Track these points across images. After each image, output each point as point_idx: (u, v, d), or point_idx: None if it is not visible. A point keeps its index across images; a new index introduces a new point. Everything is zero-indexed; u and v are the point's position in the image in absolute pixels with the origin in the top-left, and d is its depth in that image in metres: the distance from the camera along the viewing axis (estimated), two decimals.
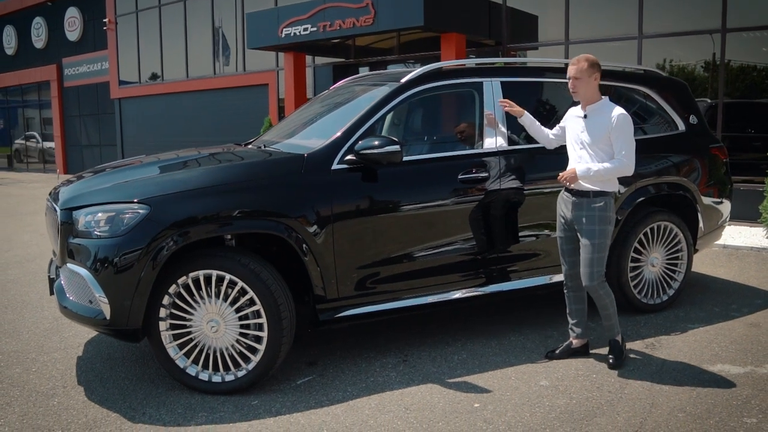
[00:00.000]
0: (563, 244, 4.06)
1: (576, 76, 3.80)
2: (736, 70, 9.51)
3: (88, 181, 4.08)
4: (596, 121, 3.81)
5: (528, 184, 4.42)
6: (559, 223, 4.06)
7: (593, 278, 3.86)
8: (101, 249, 3.51)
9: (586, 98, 3.85)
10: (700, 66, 9.79)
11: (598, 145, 3.80)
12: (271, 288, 3.57)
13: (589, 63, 3.78)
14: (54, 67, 22.18)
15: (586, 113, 3.86)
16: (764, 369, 3.94)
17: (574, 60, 3.85)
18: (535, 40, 11.43)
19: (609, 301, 3.96)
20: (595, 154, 3.81)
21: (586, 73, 3.78)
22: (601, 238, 3.84)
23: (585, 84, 3.79)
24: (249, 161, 4.01)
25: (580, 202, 3.86)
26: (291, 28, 11.43)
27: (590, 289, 3.91)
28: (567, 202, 3.95)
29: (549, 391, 3.66)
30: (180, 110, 17.62)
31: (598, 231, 3.83)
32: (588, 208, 3.83)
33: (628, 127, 3.78)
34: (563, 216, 4.00)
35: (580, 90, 3.81)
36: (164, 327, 3.61)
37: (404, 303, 4.08)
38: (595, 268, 3.85)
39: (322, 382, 3.82)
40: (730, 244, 7.54)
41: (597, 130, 3.80)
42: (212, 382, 3.67)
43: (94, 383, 3.88)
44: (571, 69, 3.81)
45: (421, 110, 4.95)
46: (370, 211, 3.94)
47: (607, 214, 3.84)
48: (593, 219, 3.82)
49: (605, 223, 3.84)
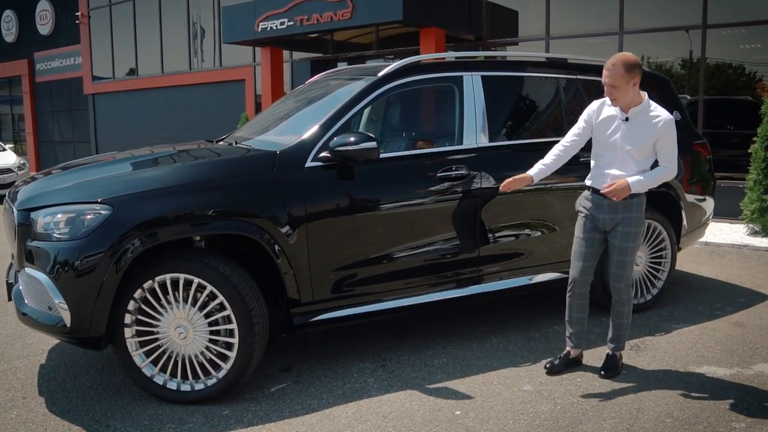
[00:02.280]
0: (582, 246, 3.71)
1: (613, 84, 3.38)
2: (717, 66, 9.48)
3: (49, 180, 3.88)
4: (640, 125, 3.46)
5: None
6: (583, 224, 3.70)
7: (622, 279, 3.67)
8: (61, 252, 3.30)
9: (628, 102, 3.47)
10: (681, 62, 9.75)
11: (641, 150, 3.48)
12: (242, 292, 3.39)
13: (626, 67, 3.34)
14: (25, 61, 21.68)
15: (629, 116, 3.48)
16: (750, 370, 3.85)
17: (608, 63, 3.40)
18: (516, 35, 11.33)
19: (628, 310, 3.76)
20: (632, 158, 3.50)
21: (624, 80, 3.36)
22: (636, 241, 3.62)
23: (623, 92, 3.40)
24: (218, 159, 3.82)
25: (615, 204, 3.55)
26: (267, 22, 11.22)
27: (616, 290, 3.70)
28: (598, 204, 3.61)
29: (533, 397, 3.53)
30: (155, 106, 17.28)
31: (633, 233, 3.60)
32: (625, 210, 3.56)
33: (674, 132, 3.49)
34: (593, 217, 3.65)
35: (617, 96, 3.42)
36: (130, 334, 3.42)
37: (382, 306, 3.92)
38: (627, 270, 3.65)
39: (297, 390, 3.66)
40: (711, 242, 7.49)
41: (641, 136, 3.45)
42: (181, 391, 3.48)
43: (56, 393, 3.68)
44: (606, 75, 3.41)
45: (399, 106, 4.80)
46: (346, 211, 3.77)
47: (642, 215, 3.63)
48: (630, 221, 3.58)
49: (641, 224, 3.63)
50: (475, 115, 4.24)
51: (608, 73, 3.41)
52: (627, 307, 3.76)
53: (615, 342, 3.83)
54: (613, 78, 3.38)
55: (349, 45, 13.05)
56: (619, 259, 3.65)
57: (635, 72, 3.38)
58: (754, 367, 3.90)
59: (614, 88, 3.40)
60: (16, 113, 23.47)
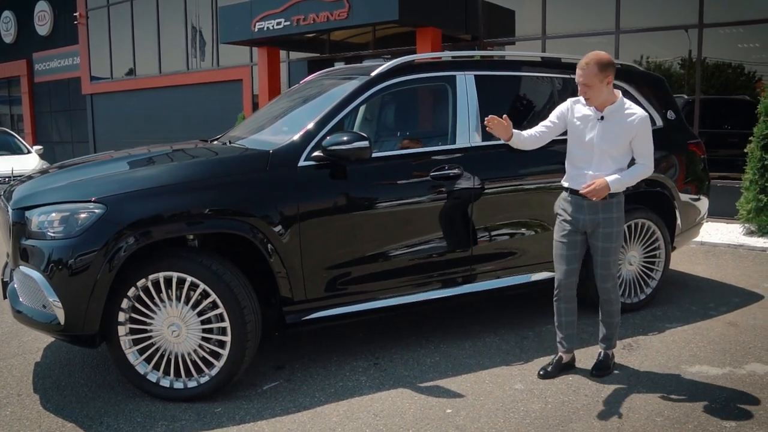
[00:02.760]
0: (564, 249, 3.67)
1: (587, 84, 3.38)
2: (713, 66, 9.49)
3: (44, 179, 3.90)
4: (616, 124, 3.45)
5: (503, 181, 4.30)
6: (563, 227, 3.68)
7: (608, 279, 3.66)
8: (55, 251, 3.32)
9: (602, 101, 3.46)
10: (677, 62, 9.77)
11: (617, 148, 3.48)
12: (235, 290, 3.41)
13: (599, 66, 3.34)
14: (24, 62, 21.70)
15: (604, 114, 3.47)
16: (743, 370, 3.86)
17: (581, 62, 3.40)
18: (512, 35, 11.35)
19: (617, 309, 3.76)
20: (609, 157, 3.50)
21: (597, 79, 3.35)
22: (618, 241, 3.62)
23: (597, 91, 3.40)
24: (212, 158, 3.84)
25: (594, 204, 3.54)
26: (264, 22, 11.24)
27: (604, 290, 3.69)
28: (578, 205, 3.60)
29: (524, 396, 3.54)
30: (153, 106, 17.30)
31: (615, 233, 3.60)
32: (605, 210, 3.55)
33: (649, 128, 3.49)
34: (571, 219, 3.63)
35: (591, 95, 3.43)
36: (123, 332, 3.44)
37: (375, 304, 3.94)
38: (613, 270, 3.66)
39: (290, 388, 3.67)
40: (707, 241, 7.50)
41: (616, 135, 3.45)
42: (174, 388, 3.50)
43: (50, 391, 3.69)
44: (579, 75, 3.40)
45: (393, 105, 4.81)
46: (339, 210, 3.79)
47: (622, 214, 3.62)
48: (611, 221, 3.57)
49: (621, 223, 3.63)
50: (468, 115, 4.26)
51: (582, 73, 3.40)
52: (616, 306, 3.76)
53: (607, 341, 3.84)
54: (587, 77, 3.38)
55: (346, 45, 13.06)
56: (603, 260, 3.65)
57: (609, 71, 3.39)
58: (747, 367, 3.91)
59: (588, 87, 3.40)
60: (15, 113, 23.48)
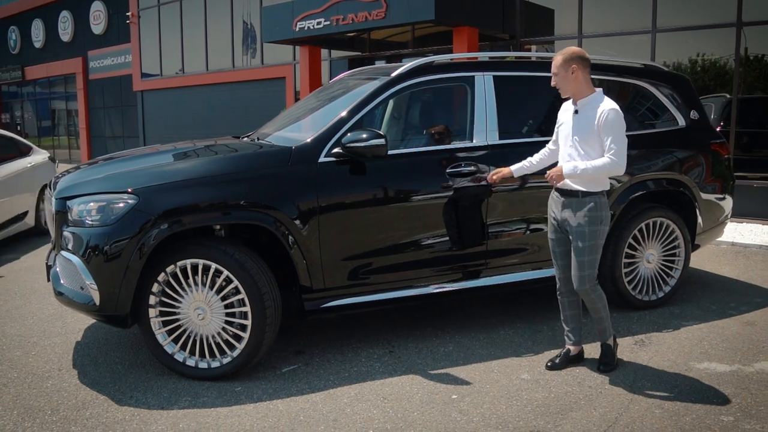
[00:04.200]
0: (555, 247, 3.85)
1: (554, 72, 3.65)
2: (753, 64, 9.35)
3: (85, 172, 4.20)
4: (586, 116, 3.59)
5: (517, 179, 4.41)
6: (550, 225, 3.85)
7: (584, 282, 3.68)
8: (92, 237, 3.61)
9: (574, 93, 3.64)
10: (716, 60, 9.64)
11: (588, 142, 3.57)
12: (255, 278, 3.64)
13: (564, 57, 3.59)
14: (80, 59, 22.56)
15: (577, 108, 3.64)
16: (751, 368, 3.91)
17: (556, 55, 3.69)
18: (550, 34, 11.35)
19: (601, 305, 3.78)
20: (584, 151, 3.59)
21: (562, 68, 3.59)
22: (592, 240, 3.63)
23: (564, 79, 3.61)
24: (237, 154, 4.08)
25: (569, 202, 3.67)
26: (305, 22, 11.51)
27: (582, 293, 3.73)
28: (557, 202, 3.76)
29: (529, 385, 3.68)
30: (199, 102, 17.83)
31: (588, 233, 3.62)
32: (577, 208, 3.64)
33: (619, 122, 3.51)
34: (554, 217, 3.80)
35: (560, 85, 3.65)
36: (154, 314, 3.71)
37: (390, 295, 4.13)
38: (586, 272, 3.67)
39: (307, 371, 3.89)
40: (738, 242, 7.44)
41: (586, 126, 3.58)
42: (198, 368, 3.76)
43: (88, 367, 4.00)
44: (552, 66, 3.67)
45: (417, 104, 4.98)
46: (357, 204, 3.99)
47: (598, 213, 3.62)
48: (583, 220, 3.62)
49: (596, 223, 3.63)
50: (486, 114, 4.40)
51: (552, 64, 3.67)
52: (599, 303, 3.77)
53: (602, 333, 3.89)
54: (554, 66, 3.65)
55: (385, 44, 13.25)
56: (577, 260, 3.67)
57: (573, 62, 3.58)
58: (756, 365, 3.95)
59: (555, 75, 3.65)
60: (71, 109, 24.45)
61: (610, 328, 3.90)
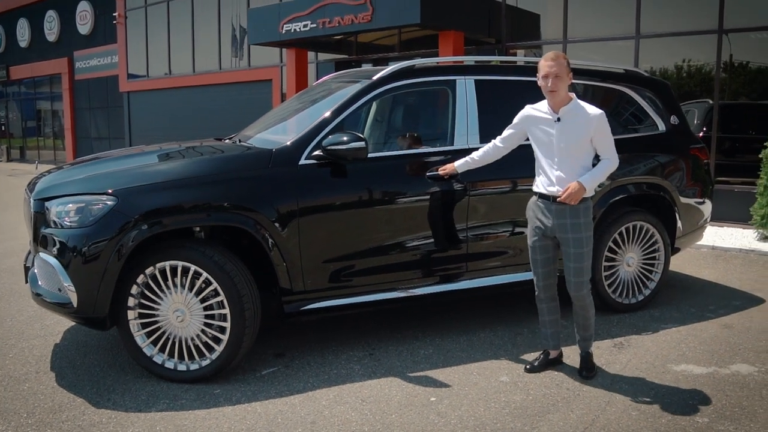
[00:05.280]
0: (538, 254, 3.80)
1: (558, 75, 3.51)
2: (734, 71, 9.45)
3: (66, 172, 4.18)
4: (572, 123, 3.56)
5: (498, 182, 4.44)
6: (534, 232, 3.78)
7: (583, 287, 3.68)
8: (70, 239, 3.60)
9: (562, 99, 3.59)
10: (698, 67, 9.74)
11: (577, 148, 3.57)
12: (235, 280, 3.64)
13: (567, 61, 3.56)
14: (65, 60, 22.45)
15: (560, 116, 3.59)
16: (727, 370, 3.95)
17: (551, 55, 3.56)
18: (536, 39, 11.42)
19: (592, 313, 3.79)
20: (572, 158, 3.59)
21: (566, 71, 3.54)
22: (589, 246, 3.66)
23: (564, 83, 3.54)
24: (218, 156, 4.08)
25: (562, 209, 3.62)
26: (291, 25, 11.51)
27: (579, 298, 3.71)
28: (545, 209, 3.69)
29: (507, 387, 3.70)
30: (186, 104, 17.78)
31: (585, 238, 3.64)
32: (572, 215, 3.61)
33: (608, 125, 3.61)
34: (540, 224, 3.73)
35: (560, 89, 3.54)
36: (133, 316, 3.70)
37: (370, 297, 4.13)
38: (585, 277, 3.68)
39: (286, 374, 3.89)
40: (719, 246, 7.51)
41: (574, 134, 3.56)
42: (177, 370, 3.75)
43: (66, 369, 3.97)
44: (553, 66, 3.52)
45: (400, 107, 5.00)
46: (337, 207, 4.00)
47: (590, 219, 3.67)
48: (579, 226, 3.61)
49: (590, 229, 3.67)
50: (467, 118, 4.42)
51: (554, 64, 3.53)
52: (590, 311, 3.79)
53: (585, 341, 3.88)
54: (560, 68, 3.53)
55: (372, 47, 13.27)
56: (576, 267, 3.67)
57: (570, 67, 3.60)
58: (732, 367, 3.99)
59: (559, 78, 3.52)
60: (56, 109, 24.30)
61: (593, 339, 3.91)
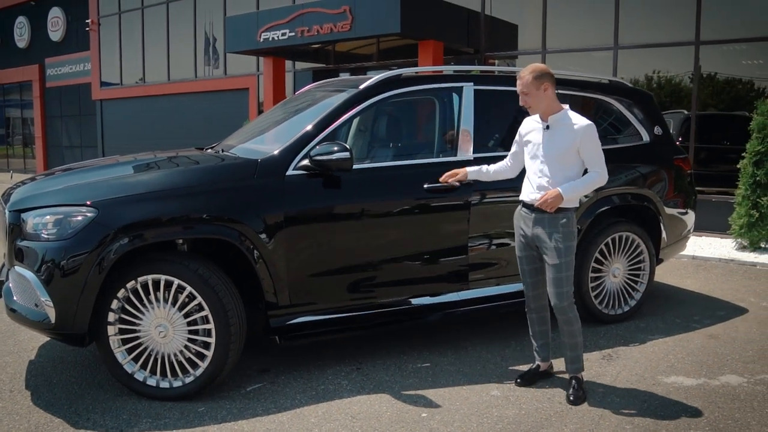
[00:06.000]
0: (524, 264, 3.78)
1: (524, 92, 3.54)
2: (711, 82, 9.58)
3: (41, 183, 4.04)
4: (559, 132, 3.54)
5: (492, 193, 4.37)
6: (519, 242, 3.77)
7: (563, 298, 3.59)
8: (48, 252, 3.46)
9: (544, 110, 3.57)
10: (675, 78, 9.85)
11: (563, 158, 3.53)
12: (220, 294, 3.53)
13: (533, 75, 3.50)
14: (36, 67, 22.04)
15: (548, 124, 3.58)
16: (717, 381, 3.94)
17: (519, 73, 3.58)
18: (514, 49, 11.48)
19: (577, 329, 3.67)
20: (557, 167, 3.55)
21: (533, 86, 3.51)
22: (568, 256, 3.57)
23: (536, 98, 3.53)
24: (201, 166, 3.97)
25: (540, 218, 3.59)
26: (269, 33, 11.42)
27: (560, 310, 3.61)
28: (527, 218, 3.67)
29: (499, 402, 3.64)
30: (161, 113, 17.54)
31: (564, 249, 3.56)
32: (551, 225, 3.57)
33: (596, 135, 3.54)
34: (523, 233, 3.72)
35: (532, 104, 3.56)
36: (113, 331, 3.56)
37: (359, 313, 4.05)
38: (564, 288, 3.58)
39: (272, 390, 3.78)
40: (699, 255, 7.57)
41: (561, 143, 3.53)
42: (160, 387, 3.62)
43: (42, 387, 3.82)
44: (518, 84, 3.57)
45: (385, 117, 4.93)
46: (325, 219, 3.91)
47: (571, 229, 3.59)
48: (558, 237, 3.55)
49: (570, 239, 3.59)
50: (457, 128, 4.36)
51: (520, 83, 3.56)
52: (576, 325, 3.68)
53: (574, 364, 3.74)
54: (524, 86, 3.54)
55: (350, 56, 13.23)
56: (555, 277, 3.59)
57: (544, 79, 3.52)
58: (722, 378, 3.99)
59: (526, 94, 3.55)
60: (26, 117, 23.83)
61: (582, 361, 3.77)
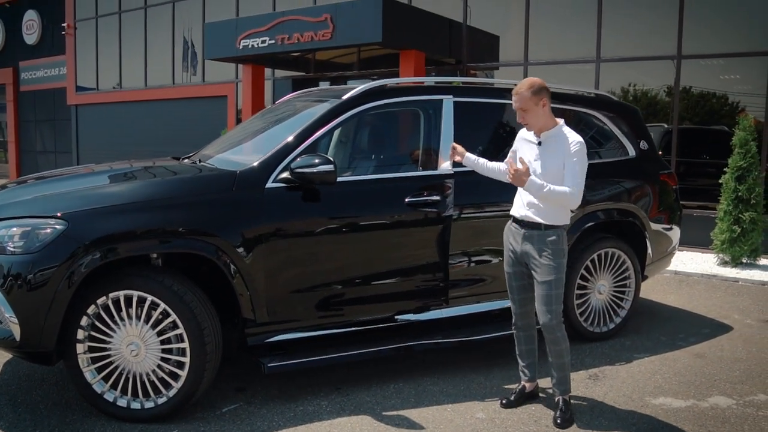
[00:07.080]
0: (512, 281, 3.69)
1: (522, 108, 3.44)
2: (692, 96, 9.62)
3: (11, 192, 3.87)
4: (552, 148, 3.46)
5: (475, 208, 4.29)
6: (508, 257, 3.69)
7: (552, 317, 3.49)
8: (14, 265, 3.28)
9: (540, 126, 3.48)
10: (657, 91, 9.89)
11: (552, 174, 3.43)
12: (195, 311, 3.38)
13: (531, 91, 3.40)
14: (10, 70, 21.56)
15: (541, 140, 3.50)
16: (706, 402, 3.87)
17: (515, 89, 3.47)
18: (495, 60, 11.45)
19: (565, 348, 3.56)
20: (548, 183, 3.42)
21: (532, 102, 3.40)
22: (558, 273, 3.48)
23: (534, 114, 3.43)
24: (177, 177, 3.81)
25: (530, 234, 3.51)
26: (249, 40, 11.26)
27: (548, 328, 3.51)
28: (516, 234, 3.59)
29: (484, 425, 3.52)
30: (138, 119, 17.24)
31: (554, 266, 3.46)
32: (540, 241, 3.48)
33: (584, 156, 3.43)
34: (512, 249, 3.63)
35: (530, 121, 3.46)
36: (82, 349, 3.40)
37: (339, 330, 3.91)
38: (553, 306, 3.48)
39: (249, 411, 3.63)
40: (681, 271, 7.54)
41: (552, 159, 3.44)
42: (131, 408, 3.45)
43: (5, 408, 3.63)
44: (515, 100, 3.46)
45: (367, 128, 4.82)
46: (305, 233, 3.77)
47: (561, 247, 3.49)
48: (548, 253, 3.46)
49: (560, 256, 3.49)
50: (440, 140, 4.26)
51: (517, 98, 3.46)
52: (564, 344, 3.57)
53: (561, 385, 3.62)
54: (522, 102, 3.44)
55: (331, 64, 13.12)
56: (544, 294, 3.50)
57: (542, 94, 3.43)
58: (710, 400, 3.91)
59: (524, 111, 3.45)
60: None
61: (570, 382, 3.66)
